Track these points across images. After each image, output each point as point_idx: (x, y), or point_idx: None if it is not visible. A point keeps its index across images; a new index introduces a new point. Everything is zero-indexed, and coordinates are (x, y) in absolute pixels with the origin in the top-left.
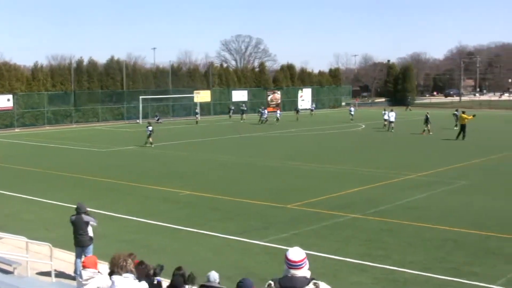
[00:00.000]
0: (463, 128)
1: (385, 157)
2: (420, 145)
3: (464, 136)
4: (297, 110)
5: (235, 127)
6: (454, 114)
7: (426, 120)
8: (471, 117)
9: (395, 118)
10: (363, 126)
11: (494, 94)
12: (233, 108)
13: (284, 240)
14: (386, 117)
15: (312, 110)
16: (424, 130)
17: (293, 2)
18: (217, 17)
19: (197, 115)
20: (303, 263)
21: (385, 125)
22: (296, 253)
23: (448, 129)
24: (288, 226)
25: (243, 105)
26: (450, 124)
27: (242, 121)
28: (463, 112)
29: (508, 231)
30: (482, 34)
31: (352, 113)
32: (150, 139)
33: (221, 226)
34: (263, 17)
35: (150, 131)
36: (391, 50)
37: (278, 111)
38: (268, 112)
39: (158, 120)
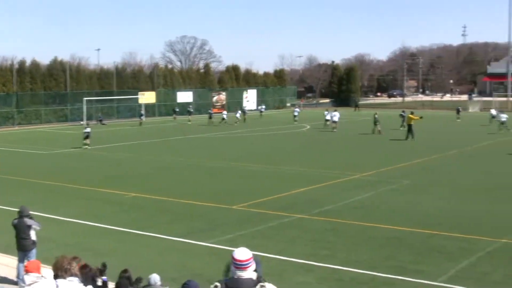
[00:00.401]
0: (410, 128)
1: (330, 157)
2: (365, 145)
3: (413, 136)
4: (243, 111)
5: (181, 128)
6: (401, 115)
7: (375, 121)
8: (418, 118)
9: (339, 119)
10: (308, 127)
11: (436, 95)
12: (177, 109)
13: (229, 241)
14: (328, 117)
15: (261, 112)
16: (373, 130)
17: (237, 3)
18: (162, 18)
19: (142, 117)
20: (249, 263)
21: (326, 125)
22: (242, 253)
23: (395, 129)
24: (233, 227)
25: (190, 106)
26: (396, 125)
27: (189, 122)
28: (411, 113)
29: (450, 229)
30: (424, 36)
31: (296, 114)
32: (87, 141)
33: (167, 228)
34: (209, 18)
35: (87, 132)
36: (335, 51)
37: (224, 112)
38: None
39: (101, 121)
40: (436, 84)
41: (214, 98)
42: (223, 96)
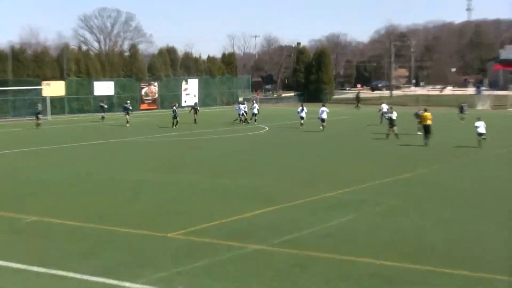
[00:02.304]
0: (427, 129)
1: (300, 167)
2: (355, 151)
3: (428, 139)
4: (195, 109)
5: (97, 129)
6: (417, 115)
7: (392, 121)
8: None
9: (327, 115)
10: (266, 129)
11: (434, 88)
12: (106, 106)
13: (164, 280)
14: (303, 114)
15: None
16: (388, 135)
17: None
18: None
19: (39, 115)
20: None
21: (302, 124)
22: None
23: (408, 134)
24: (169, 262)
25: (103, 101)
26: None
27: (102, 121)
28: (425, 110)
29: (451, 264)
30: (417, 11)
31: (256, 111)
32: None
33: (80, 263)
34: None
35: None
36: (302, 31)
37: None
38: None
39: None
40: (433, 74)
41: (143, 91)
42: (154, 87)
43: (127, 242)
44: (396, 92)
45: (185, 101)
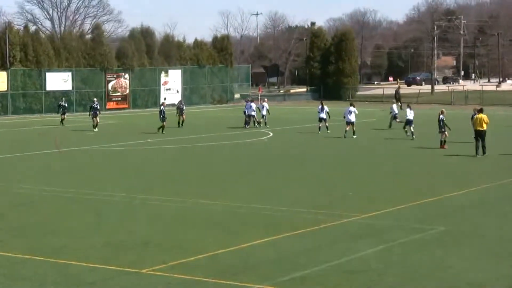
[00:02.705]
0: (479, 136)
1: (313, 184)
2: (389, 164)
3: (484, 149)
4: (180, 109)
5: (53, 135)
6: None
7: (442, 124)
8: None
9: (356, 118)
10: (270, 135)
11: (489, 82)
12: (65, 104)
13: None
14: (323, 115)
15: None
16: (443, 142)
17: None
18: None
19: None
20: None
21: (321, 128)
22: None
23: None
24: None
25: (63, 99)
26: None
27: (62, 125)
28: (481, 110)
29: None
30: None
31: (265, 112)
32: None
33: None
34: None
35: None
36: (316, 7)
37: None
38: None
39: None
40: (489, 63)
41: (110, 85)
42: (124, 80)
43: (92, 280)
44: (439, 88)
45: (164, 98)
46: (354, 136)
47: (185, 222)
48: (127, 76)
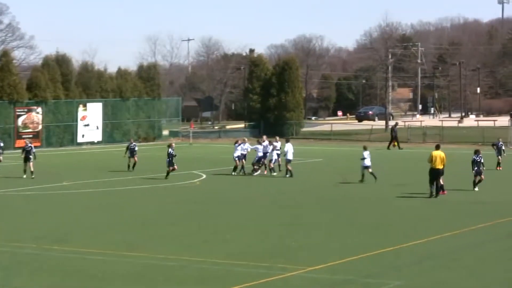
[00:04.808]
0: (435, 175)
1: (251, 232)
2: (336, 208)
3: (441, 188)
4: (132, 150)
5: None
6: (495, 145)
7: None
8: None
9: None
10: (204, 177)
11: (450, 117)
12: (1, 144)
13: None
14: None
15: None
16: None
17: None
18: None
19: None
20: None
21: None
22: None
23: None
24: None
25: None
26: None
27: None
28: (437, 147)
29: None
30: (425, 4)
31: (245, 152)
32: None
33: None
34: None
35: None
36: (255, 32)
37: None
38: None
39: None
40: (449, 97)
41: (20, 120)
42: (37, 115)
43: None
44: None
45: (82, 136)
46: (287, 176)
47: (103, 277)
48: (39, 110)
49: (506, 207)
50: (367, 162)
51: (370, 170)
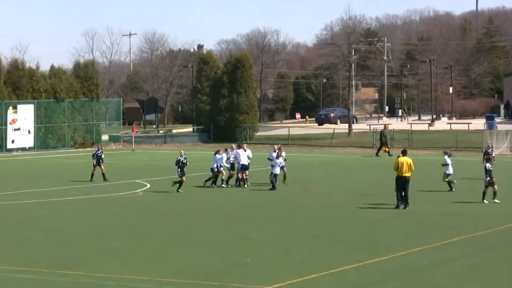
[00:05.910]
0: (404, 184)
1: (202, 248)
2: (293, 222)
3: (407, 199)
4: (99, 158)
5: None
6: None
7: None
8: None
9: (249, 163)
10: (148, 186)
11: (420, 119)
12: None
13: None
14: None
15: None
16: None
17: None
18: None
19: None
20: None
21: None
22: None
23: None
24: None
25: None
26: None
27: None
28: (404, 153)
29: None
30: None
31: (221, 164)
32: None
33: None
34: None
35: None
36: (204, 26)
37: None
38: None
39: None
40: (419, 97)
41: None
42: None
43: None
44: (359, 127)
45: (12, 141)
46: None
47: None
48: None
49: (478, 220)
50: (450, 169)
51: (448, 178)
